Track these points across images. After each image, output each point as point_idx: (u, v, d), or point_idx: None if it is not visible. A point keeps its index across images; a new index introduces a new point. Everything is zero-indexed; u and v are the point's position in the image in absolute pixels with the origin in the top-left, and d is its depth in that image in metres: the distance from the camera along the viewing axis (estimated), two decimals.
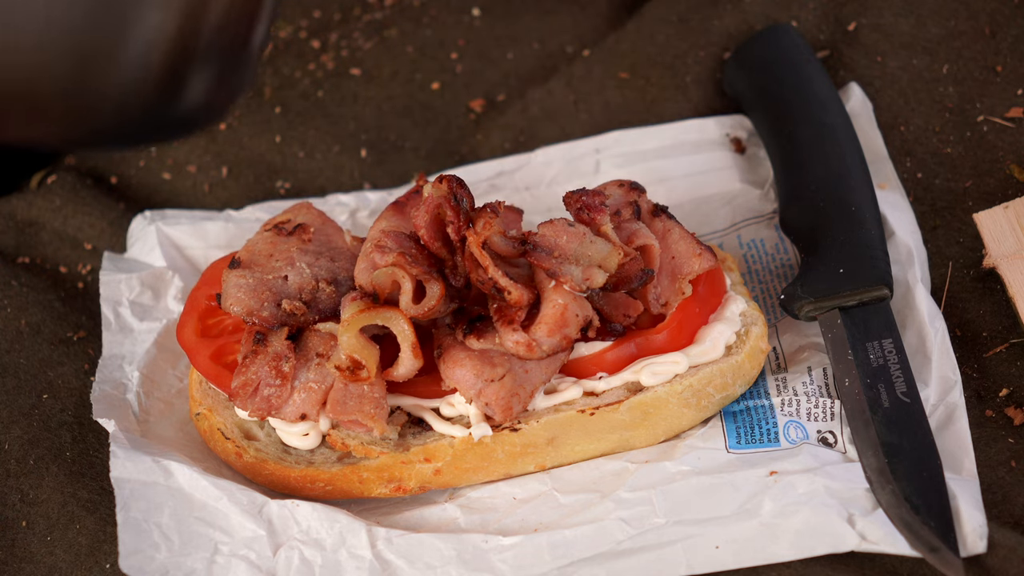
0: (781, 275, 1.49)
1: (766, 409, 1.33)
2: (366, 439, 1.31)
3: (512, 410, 1.25)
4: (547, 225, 1.27)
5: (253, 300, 1.32)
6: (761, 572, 1.24)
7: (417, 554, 1.26)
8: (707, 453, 1.29)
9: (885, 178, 1.51)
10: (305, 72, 1.81)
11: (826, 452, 1.28)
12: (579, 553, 1.24)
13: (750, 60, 1.60)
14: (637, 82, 1.69)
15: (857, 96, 1.58)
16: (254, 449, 1.33)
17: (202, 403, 1.37)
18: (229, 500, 1.29)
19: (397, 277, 1.27)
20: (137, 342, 1.47)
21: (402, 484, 1.31)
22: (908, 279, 1.39)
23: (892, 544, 1.20)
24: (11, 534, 1.37)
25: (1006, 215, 1.40)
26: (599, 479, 1.31)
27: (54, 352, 1.51)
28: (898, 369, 1.30)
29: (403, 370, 1.27)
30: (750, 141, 1.61)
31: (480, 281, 1.25)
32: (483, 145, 1.71)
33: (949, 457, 1.26)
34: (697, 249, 1.33)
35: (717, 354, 1.33)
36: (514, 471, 1.33)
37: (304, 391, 1.28)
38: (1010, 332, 1.38)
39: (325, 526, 1.28)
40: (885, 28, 1.62)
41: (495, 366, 1.25)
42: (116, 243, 1.63)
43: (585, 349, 1.32)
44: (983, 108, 1.54)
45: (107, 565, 1.33)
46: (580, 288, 1.24)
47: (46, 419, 1.44)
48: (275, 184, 1.71)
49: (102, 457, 1.41)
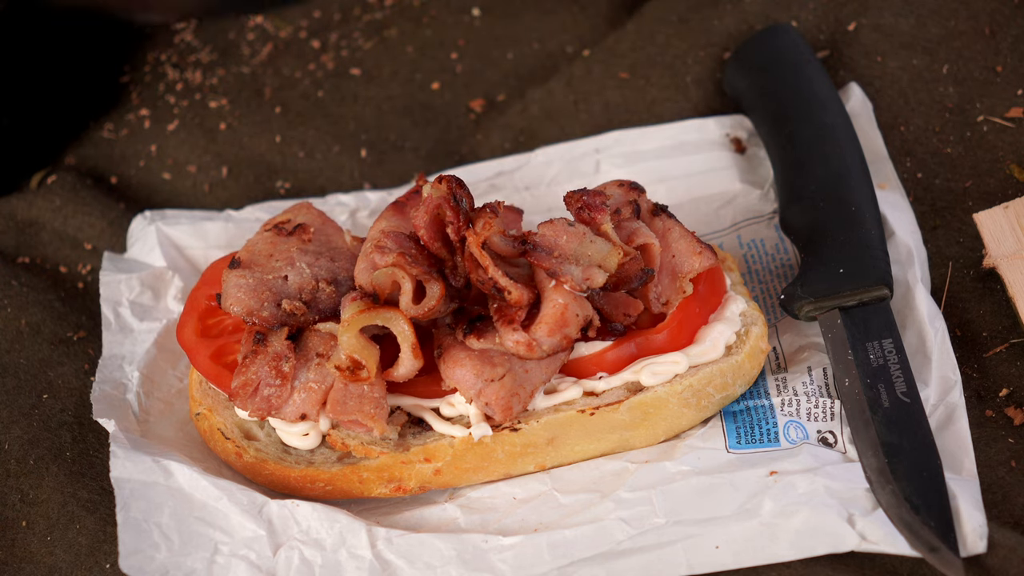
0: (781, 275, 1.49)
1: (766, 409, 1.33)
2: (366, 439, 1.31)
3: (512, 410, 1.25)
4: (547, 225, 1.27)
5: (253, 300, 1.32)
6: (761, 572, 1.24)
7: (417, 554, 1.26)
8: (707, 453, 1.29)
9: (885, 178, 1.51)
10: (305, 72, 1.82)
11: (826, 452, 1.28)
12: (579, 553, 1.24)
13: (750, 60, 1.60)
14: (637, 82, 1.69)
15: (857, 96, 1.58)
16: (254, 449, 1.33)
17: (202, 403, 1.37)
18: (229, 500, 1.29)
19: (397, 277, 1.27)
20: (137, 342, 1.47)
21: (402, 484, 1.31)
22: (908, 279, 1.39)
23: (892, 544, 1.20)
24: (11, 534, 1.37)
25: (1006, 215, 1.40)
26: (599, 479, 1.31)
27: (54, 352, 1.51)
28: (898, 369, 1.30)
29: (403, 370, 1.27)
30: (750, 141, 1.61)
31: (480, 281, 1.25)
32: (483, 145, 1.72)
33: (949, 457, 1.26)
34: (697, 248, 1.33)
35: (717, 354, 1.33)
36: (514, 471, 1.33)
37: (304, 391, 1.28)
38: (1010, 332, 1.38)
39: (325, 526, 1.28)
40: (885, 28, 1.62)
41: (495, 366, 1.25)
42: (116, 243, 1.63)
43: (585, 349, 1.32)
44: (983, 108, 1.54)
45: (107, 565, 1.33)
46: (580, 288, 1.24)
47: (46, 419, 1.44)
48: (275, 184, 1.71)
49: (102, 457, 1.41)
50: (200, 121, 1.77)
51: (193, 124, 1.76)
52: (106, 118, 1.80)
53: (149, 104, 1.80)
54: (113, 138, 1.77)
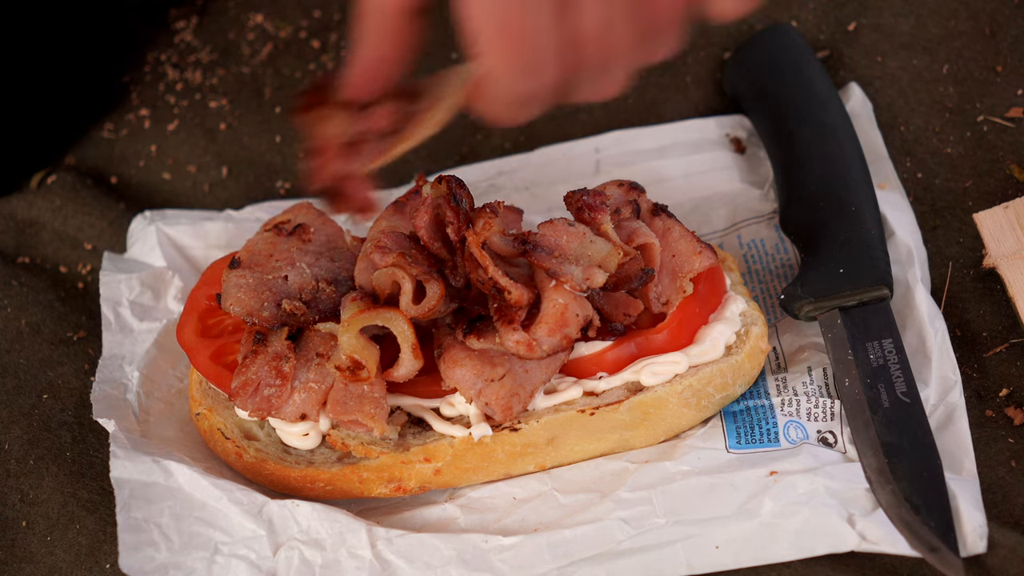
0: (781, 275, 1.49)
1: (766, 409, 1.33)
2: (366, 439, 1.31)
3: (512, 410, 1.25)
4: (547, 225, 1.27)
5: (253, 300, 1.32)
6: (761, 572, 1.24)
7: (417, 554, 1.26)
8: (707, 453, 1.30)
9: (885, 178, 1.51)
10: (305, 72, 1.81)
11: (826, 452, 1.28)
12: (579, 553, 1.24)
13: (750, 60, 1.60)
14: (637, 82, 1.69)
15: (857, 96, 1.58)
16: (254, 449, 1.33)
17: (202, 403, 1.37)
18: (229, 500, 1.29)
19: (397, 277, 1.27)
20: (137, 342, 1.47)
21: (402, 484, 1.31)
22: (908, 279, 1.39)
23: (892, 544, 1.20)
24: (11, 534, 1.37)
25: (1006, 215, 1.40)
26: (599, 479, 1.31)
27: (54, 352, 1.51)
28: (898, 369, 1.30)
29: (403, 371, 1.27)
30: (750, 141, 1.61)
31: (480, 281, 1.25)
32: (483, 145, 1.71)
33: (949, 457, 1.26)
34: (697, 247, 1.33)
35: (717, 354, 1.33)
36: (514, 471, 1.33)
37: (304, 391, 1.28)
38: (1010, 332, 1.38)
39: (325, 526, 1.28)
40: (885, 28, 1.62)
41: (495, 366, 1.25)
42: (116, 243, 1.63)
43: (585, 349, 1.32)
44: (983, 108, 1.54)
45: (107, 565, 1.33)
46: (580, 288, 1.24)
47: (46, 419, 1.44)
48: (275, 184, 1.71)
49: (102, 457, 1.41)
50: (200, 121, 1.77)
51: (193, 124, 1.76)
52: (106, 118, 1.80)
53: (149, 104, 1.80)
54: (113, 138, 1.77)
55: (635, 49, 1.02)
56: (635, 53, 1.02)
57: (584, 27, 0.99)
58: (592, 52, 1.00)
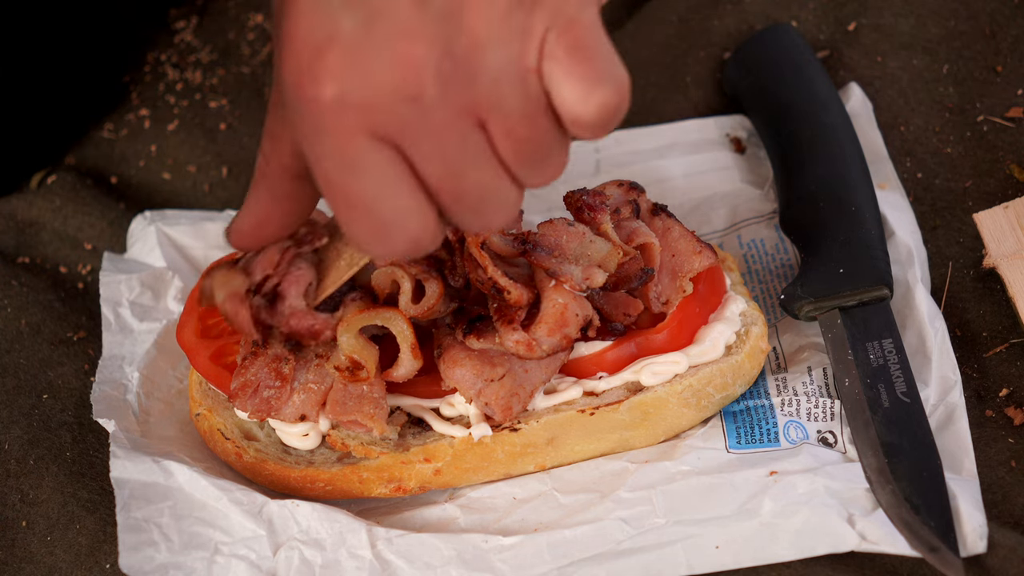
0: (781, 275, 1.49)
1: (766, 409, 1.33)
2: (366, 439, 1.31)
3: (512, 410, 1.25)
4: (547, 225, 1.27)
5: None
6: (761, 572, 1.24)
7: (417, 554, 1.26)
8: (707, 453, 1.29)
9: (885, 178, 1.51)
10: None
11: (826, 452, 1.28)
12: (579, 553, 1.24)
13: (750, 60, 1.60)
14: (637, 82, 1.69)
15: (857, 96, 1.58)
16: (254, 449, 1.33)
17: (202, 404, 1.37)
18: (229, 500, 1.29)
19: (396, 277, 1.27)
20: (137, 343, 1.47)
21: (402, 484, 1.31)
22: (908, 279, 1.39)
23: (892, 544, 1.20)
24: (11, 534, 1.37)
25: (1006, 215, 1.40)
26: (599, 479, 1.31)
27: (54, 352, 1.51)
28: (898, 369, 1.30)
29: (403, 371, 1.27)
30: (750, 141, 1.61)
31: (479, 281, 1.25)
32: None
33: (949, 457, 1.26)
34: (697, 247, 1.33)
35: (717, 354, 1.33)
36: (514, 471, 1.33)
37: (304, 392, 1.28)
38: (1010, 332, 1.38)
39: (325, 526, 1.28)
40: (885, 28, 1.62)
41: (495, 366, 1.25)
42: (116, 243, 1.63)
43: (585, 349, 1.32)
44: (983, 108, 1.54)
45: (107, 565, 1.33)
46: (580, 288, 1.24)
47: (46, 419, 1.44)
48: None
49: (102, 457, 1.41)
50: (200, 121, 1.77)
51: (193, 124, 1.76)
52: (106, 118, 1.80)
53: (149, 104, 1.80)
54: (113, 138, 1.77)
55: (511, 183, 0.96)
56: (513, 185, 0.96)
57: (434, 180, 0.94)
58: (456, 196, 0.95)
